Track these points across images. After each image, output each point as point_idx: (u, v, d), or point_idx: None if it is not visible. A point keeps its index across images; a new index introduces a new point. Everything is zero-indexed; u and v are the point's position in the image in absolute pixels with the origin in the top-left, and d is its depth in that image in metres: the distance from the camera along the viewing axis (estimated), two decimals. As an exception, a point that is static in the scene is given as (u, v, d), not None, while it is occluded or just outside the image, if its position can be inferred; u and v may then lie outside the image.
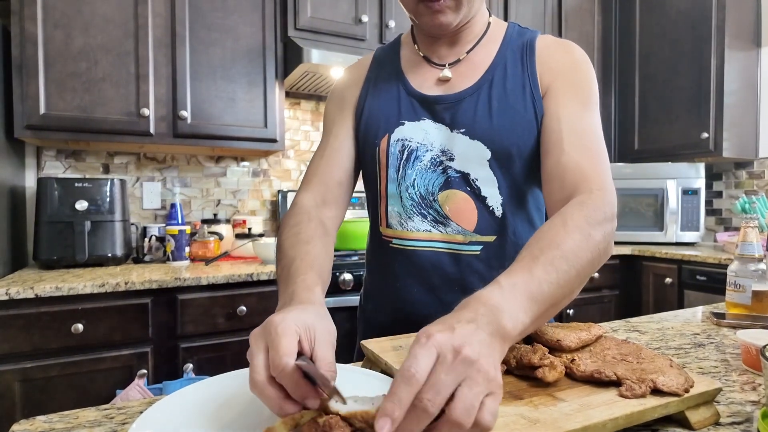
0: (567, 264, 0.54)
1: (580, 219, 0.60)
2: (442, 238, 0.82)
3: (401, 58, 0.91)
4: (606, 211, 0.63)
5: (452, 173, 0.82)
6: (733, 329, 0.93)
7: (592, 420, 0.44)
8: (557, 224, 0.59)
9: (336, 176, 0.88)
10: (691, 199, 2.60)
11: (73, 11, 1.80)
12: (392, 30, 2.30)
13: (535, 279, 0.51)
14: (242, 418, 0.51)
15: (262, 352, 0.45)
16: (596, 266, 0.60)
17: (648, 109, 2.86)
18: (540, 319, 0.52)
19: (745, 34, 2.58)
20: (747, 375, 0.68)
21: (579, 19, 2.90)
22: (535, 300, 0.50)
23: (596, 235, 0.60)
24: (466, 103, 0.82)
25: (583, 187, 0.67)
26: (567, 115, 0.75)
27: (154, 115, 1.93)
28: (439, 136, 0.82)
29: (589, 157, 0.71)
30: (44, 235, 1.78)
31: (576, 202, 0.64)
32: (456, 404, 0.37)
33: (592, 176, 0.68)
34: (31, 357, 1.49)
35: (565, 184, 0.70)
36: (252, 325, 1.78)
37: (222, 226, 2.22)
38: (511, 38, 0.86)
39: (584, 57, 0.82)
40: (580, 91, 0.78)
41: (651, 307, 2.49)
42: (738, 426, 0.52)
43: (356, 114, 0.91)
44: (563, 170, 0.71)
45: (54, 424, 0.54)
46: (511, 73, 0.82)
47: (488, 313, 0.45)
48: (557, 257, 0.54)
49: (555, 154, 0.73)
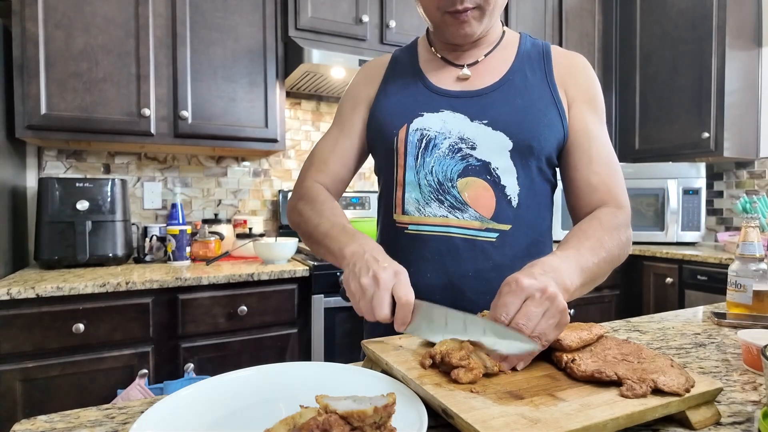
0: (605, 251, 0.71)
1: (612, 222, 0.77)
2: (458, 223, 0.84)
3: (419, 58, 0.94)
4: (627, 221, 0.80)
5: (473, 161, 0.83)
6: (734, 329, 0.93)
7: (592, 420, 0.44)
8: (595, 224, 0.76)
9: (341, 174, 0.95)
10: (692, 198, 2.60)
11: (74, 11, 1.80)
12: (393, 30, 2.30)
13: (583, 256, 0.67)
14: (243, 419, 0.51)
15: (385, 284, 0.62)
16: (618, 261, 0.76)
17: (649, 108, 2.86)
18: (584, 287, 0.68)
19: (745, 33, 2.57)
20: (748, 375, 0.68)
21: (579, 18, 2.90)
22: (583, 271, 0.66)
23: (622, 236, 0.76)
24: (488, 98, 0.85)
25: (611, 203, 0.82)
26: (595, 135, 0.85)
27: (155, 115, 1.93)
28: (457, 125, 0.84)
29: (614, 175, 0.84)
30: (45, 235, 1.78)
31: (606, 210, 0.80)
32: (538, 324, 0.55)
33: (617, 195, 0.83)
34: (32, 357, 1.49)
35: (593, 199, 0.83)
36: (252, 325, 1.78)
37: (223, 226, 2.22)
38: (525, 47, 0.91)
39: (591, 68, 0.91)
40: (598, 105, 0.88)
41: (652, 306, 2.49)
42: (739, 426, 0.52)
43: (371, 110, 0.93)
44: (594, 188, 0.83)
45: (55, 423, 0.54)
46: (531, 78, 0.87)
47: (552, 271, 0.60)
48: (598, 245, 0.71)
49: (585, 171, 0.84)
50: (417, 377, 0.54)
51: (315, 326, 1.86)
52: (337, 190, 0.96)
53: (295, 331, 1.87)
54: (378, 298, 0.61)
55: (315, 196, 0.88)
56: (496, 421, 0.44)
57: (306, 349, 1.88)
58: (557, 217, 2.76)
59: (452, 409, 0.46)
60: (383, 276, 0.62)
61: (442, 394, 0.50)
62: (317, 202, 0.86)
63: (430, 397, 0.50)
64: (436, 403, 0.49)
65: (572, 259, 0.65)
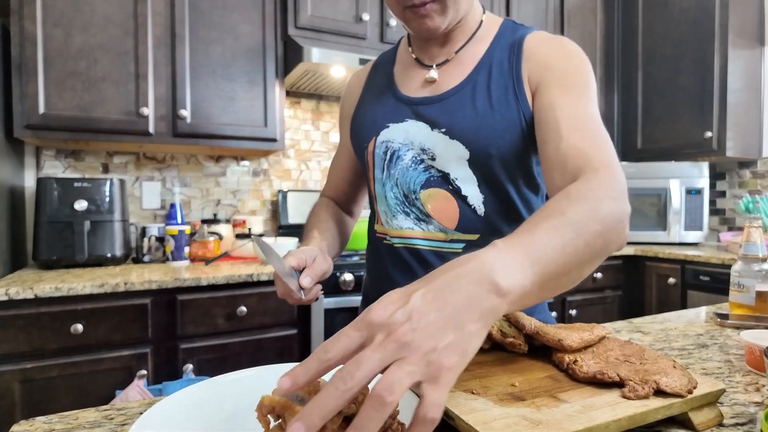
0: (573, 232, 0.49)
1: (584, 191, 0.56)
2: (424, 235, 0.84)
3: (396, 63, 0.94)
4: (613, 188, 0.59)
5: (434, 172, 0.82)
6: (737, 330, 0.93)
7: (595, 421, 0.43)
8: (560, 197, 0.56)
9: (341, 187, 1.05)
10: (695, 198, 2.59)
11: (72, 10, 1.79)
12: (393, 28, 2.30)
13: (536, 242, 0.46)
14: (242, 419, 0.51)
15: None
16: (609, 243, 0.54)
17: (651, 108, 2.85)
18: (546, 286, 0.47)
19: (748, 32, 2.57)
20: (750, 376, 0.67)
21: (581, 17, 2.89)
22: (537, 263, 0.45)
23: (603, 208, 0.54)
24: (448, 104, 0.82)
25: (587, 167, 0.64)
26: (562, 104, 0.72)
27: (154, 115, 1.93)
28: (419, 135, 0.83)
29: (590, 138, 0.68)
30: (44, 235, 1.77)
31: (581, 179, 0.61)
32: (381, 379, 0.33)
33: (595, 156, 0.65)
34: (30, 357, 1.49)
35: (567, 168, 0.66)
36: (252, 325, 1.78)
37: (222, 226, 2.22)
38: (502, 36, 0.84)
39: (576, 49, 0.79)
40: (574, 81, 0.75)
41: (654, 307, 2.48)
42: (741, 427, 0.51)
43: (351, 121, 0.97)
44: (564, 156, 0.67)
45: (54, 424, 0.54)
46: (496, 73, 0.80)
47: (476, 271, 0.40)
48: (561, 224, 0.49)
49: (553, 142, 0.70)
50: (415, 378, 0.53)
51: (315, 327, 1.86)
52: (343, 201, 1.06)
53: (295, 332, 1.86)
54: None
55: (314, 211, 1.00)
56: (498, 423, 0.43)
57: (305, 350, 1.87)
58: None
59: (453, 411, 0.46)
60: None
61: (440, 395, 0.49)
62: (311, 213, 1.00)
63: (429, 399, 0.49)
64: (434, 405, 0.48)
65: (518, 249, 0.45)
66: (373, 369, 0.34)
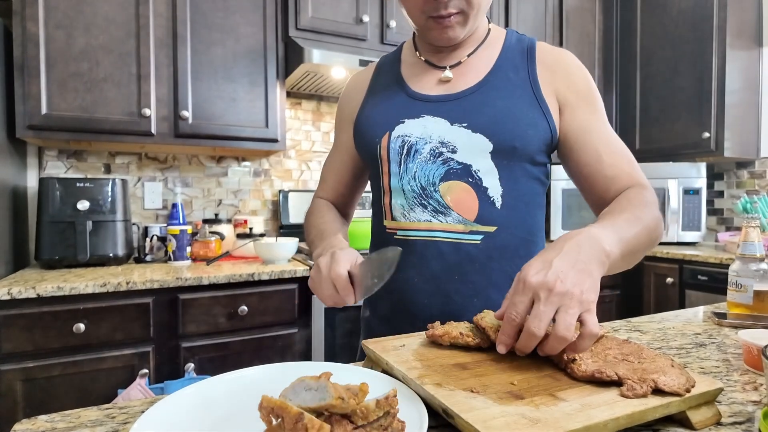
0: (640, 225, 0.68)
1: (642, 199, 0.74)
2: (442, 227, 0.84)
3: (402, 64, 0.95)
4: (655, 201, 0.76)
5: (454, 164, 0.83)
6: (735, 329, 0.93)
7: (593, 420, 0.44)
8: (624, 202, 0.74)
9: (338, 189, 1.05)
10: (693, 198, 2.60)
11: (74, 11, 1.80)
12: (393, 30, 2.30)
13: (619, 227, 0.65)
14: (243, 418, 0.51)
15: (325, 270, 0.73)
16: (656, 238, 0.74)
17: (649, 108, 2.86)
18: (624, 259, 0.66)
19: (746, 33, 2.57)
20: (748, 375, 0.68)
21: (580, 18, 2.90)
22: (621, 241, 0.63)
23: (655, 213, 0.74)
24: (467, 101, 0.85)
25: (634, 184, 0.80)
26: (595, 128, 0.83)
27: (156, 115, 1.93)
28: (437, 129, 0.84)
29: (629, 161, 0.82)
30: (46, 235, 1.78)
31: (632, 190, 0.77)
32: (557, 326, 0.52)
33: (638, 179, 0.80)
34: (32, 357, 1.49)
35: (615, 188, 0.81)
36: (253, 325, 1.79)
37: (223, 226, 2.22)
38: (510, 44, 0.90)
39: (580, 63, 0.88)
40: (595, 100, 0.85)
41: (652, 307, 2.49)
42: (739, 426, 0.52)
43: (355, 123, 0.97)
44: (612, 180, 0.81)
45: (56, 423, 0.54)
46: (513, 78, 0.85)
47: (591, 239, 0.59)
48: (633, 218, 0.69)
49: (597, 167, 0.82)
50: (417, 377, 0.54)
51: (315, 326, 1.86)
52: (340, 203, 1.06)
53: (296, 331, 1.87)
54: (319, 283, 0.75)
55: (313, 209, 1.02)
56: (497, 421, 0.44)
57: (306, 349, 1.88)
58: (557, 217, 2.76)
59: (453, 409, 0.46)
60: (321, 263, 0.75)
61: (442, 394, 0.50)
62: (313, 214, 1.00)
63: (431, 397, 0.50)
64: (436, 403, 0.49)
65: (609, 230, 0.63)
66: (549, 317, 0.52)
